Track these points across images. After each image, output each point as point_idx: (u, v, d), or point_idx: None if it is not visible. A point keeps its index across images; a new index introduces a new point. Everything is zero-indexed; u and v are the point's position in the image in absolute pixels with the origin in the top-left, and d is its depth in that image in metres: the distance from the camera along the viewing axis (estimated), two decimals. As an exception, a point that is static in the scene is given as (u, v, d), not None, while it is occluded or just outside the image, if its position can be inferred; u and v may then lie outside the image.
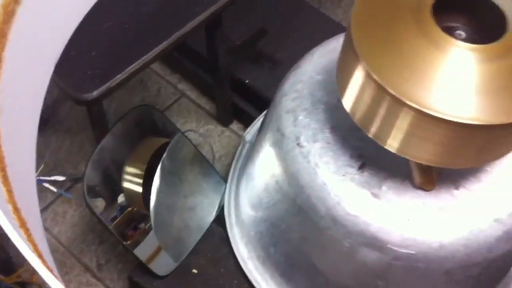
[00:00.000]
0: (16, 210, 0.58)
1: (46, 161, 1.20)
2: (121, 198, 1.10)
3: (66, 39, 0.81)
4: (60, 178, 1.21)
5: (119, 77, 0.81)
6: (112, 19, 0.86)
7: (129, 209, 1.11)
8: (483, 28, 0.65)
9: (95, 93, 0.78)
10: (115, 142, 0.96)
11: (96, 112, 0.87)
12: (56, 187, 1.20)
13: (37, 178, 1.19)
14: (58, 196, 1.20)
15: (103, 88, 0.79)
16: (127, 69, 0.82)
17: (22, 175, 0.67)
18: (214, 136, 1.31)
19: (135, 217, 1.11)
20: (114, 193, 1.04)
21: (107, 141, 0.93)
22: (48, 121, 1.31)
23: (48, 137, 1.28)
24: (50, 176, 1.20)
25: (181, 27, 0.89)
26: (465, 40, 0.64)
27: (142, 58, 0.84)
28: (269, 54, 1.30)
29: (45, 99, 0.77)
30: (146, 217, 1.08)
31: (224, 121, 1.32)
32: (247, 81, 1.26)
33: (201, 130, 1.31)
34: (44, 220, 1.17)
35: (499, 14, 0.64)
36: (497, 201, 0.75)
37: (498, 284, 0.93)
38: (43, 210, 1.16)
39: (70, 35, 0.82)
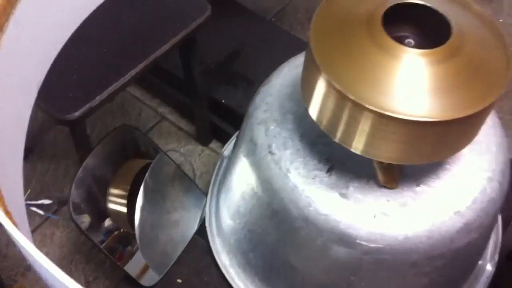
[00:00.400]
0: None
1: (33, 186, 1.24)
2: (107, 222, 1.13)
3: (48, 65, 0.86)
4: (47, 201, 1.24)
5: (99, 98, 0.85)
6: (90, 45, 0.90)
7: (116, 232, 1.14)
8: (430, 35, 0.71)
9: (77, 114, 0.83)
10: (98, 161, 1.00)
11: (79, 132, 0.91)
12: (43, 210, 1.23)
13: (25, 202, 1.21)
14: (46, 218, 1.23)
15: (84, 108, 0.83)
16: (106, 91, 0.86)
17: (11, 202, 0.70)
18: (195, 155, 1.36)
19: (121, 240, 1.15)
20: (99, 210, 1.07)
21: (90, 160, 0.97)
22: (33, 149, 1.35)
23: (33, 164, 1.32)
24: (37, 200, 1.24)
25: (155, 50, 0.93)
26: (414, 46, 0.70)
27: (120, 80, 0.88)
28: (243, 74, 1.35)
29: (29, 128, 0.81)
30: (132, 240, 1.11)
31: (204, 141, 1.37)
32: (223, 101, 1.30)
33: (182, 150, 1.35)
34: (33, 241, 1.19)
35: (444, 22, 0.70)
36: (456, 196, 0.79)
37: (467, 278, 0.98)
38: (31, 233, 1.19)
39: (51, 61, 0.86)
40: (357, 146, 0.71)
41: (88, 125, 0.99)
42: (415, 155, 0.71)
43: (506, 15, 1.77)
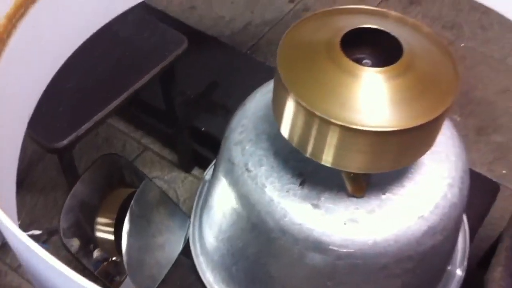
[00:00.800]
0: None
1: (23, 218, 1.27)
2: (96, 253, 1.17)
3: (38, 97, 0.91)
4: (37, 232, 1.26)
5: (85, 126, 0.90)
6: (76, 78, 0.96)
7: (104, 263, 1.17)
8: (384, 55, 0.77)
9: (65, 142, 0.88)
10: (85, 188, 1.04)
11: (67, 160, 0.96)
12: (33, 240, 1.25)
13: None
14: (36, 248, 1.26)
15: (71, 137, 0.88)
16: (92, 120, 0.91)
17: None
18: (178, 182, 1.40)
19: (110, 270, 1.18)
20: (87, 238, 1.11)
21: (78, 187, 1.01)
22: (23, 182, 1.39)
23: (23, 197, 1.35)
24: (27, 231, 1.26)
25: (136, 81, 0.99)
26: (371, 66, 0.77)
27: (104, 110, 0.94)
28: (221, 103, 1.41)
29: (19, 162, 0.86)
30: (121, 270, 1.15)
31: (186, 168, 1.42)
32: (203, 129, 1.36)
33: (165, 178, 1.40)
34: (23, 272, 1.22)
35: (396, 43, 0.76)
36: (420, 201, 0.85)
37: (438, 282, 1.03)
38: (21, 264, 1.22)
39: (40, 94, 0.92)
40: (327, 159, 0.77)
41: (75, 158, 1.04)
42: (379, 164, 0.77)
43: (467, 40, 1.86)
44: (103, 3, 1.00)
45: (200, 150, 1.40)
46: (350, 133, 0.72)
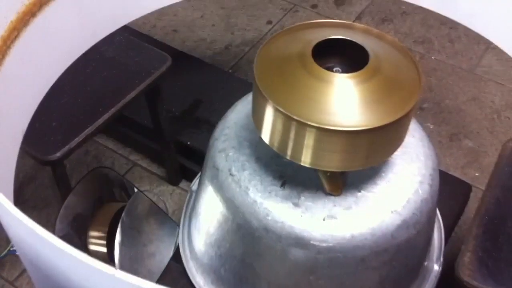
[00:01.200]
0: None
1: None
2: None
3: (31, 114, 0.95)
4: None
5: (77, 140, 0.95)
6: (67, 95, 1.00)
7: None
8: (352, 62, 0.83)
9: (58, 154, 0.92)
10: (78, 199, 1.07)
11: (60, 172, 1.00)
12: (28, 255, 1.28)
13: (11, 249, 1.27)
14: (31, 263, 1.28)
15: (64, 149, 0.93)
16: (83, 133, 0.96)
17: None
18: (167, 195, 1.44)
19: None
20: (79, 247, 1.14)
21: (71, 198, 1.05)
22: (16, 202, 1.41)
23: (17, 215, 1.38)
24: (22, 247, 1.29)
25: (123, 97, 1.04)
26: (342, 72, 0.82)
27: (94, 124, 0.98)
28: (206, 119, 1.46)
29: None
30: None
31: (174, 181, 1.46)
32: (189, 143, 1.41)
33: (154, 191, 1.44)
34: (20, 285, 1.25)
35: (362, 51, 0.82)
36: (393, 198, 0.90)
37: (416, 277, 1.07)
38: (18, 276, 1.24)
39: (33, 111, 0.96)
40: (305, 160, 0.82)
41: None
42: (353, 162, 0.82)
43: (437, 53, 1.94)
44: (90, 26, 1.06)
45: (187, 163, 1.44)
46: (325, 133, 0.77)
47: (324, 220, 0.87)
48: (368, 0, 2.15)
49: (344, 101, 0.79)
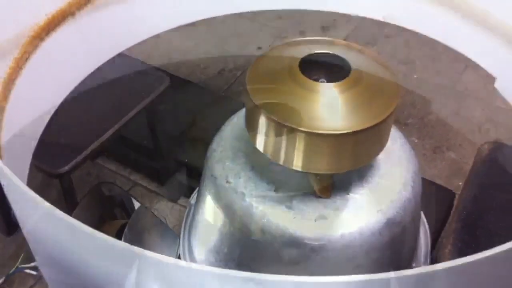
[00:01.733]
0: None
1: (26, 250, 1.34)
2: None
3: (40, 132, 1.01)
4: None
5: (84, 154, 1.01)
6: (72, 114, 1.06)
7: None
8: (336, 73, 0.90)
9: (66, 168, 0.98)
10: (83, 213, 1.12)
11: (67, 184, 1.05)
12: (36, 271, 1.33)
13: (19, 267, 1.31)
14: (39, 278, 1.33)
15: (72, 163, 0.98)
16: (89, 148, 1.02)
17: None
18: (166, 211, 1.49)
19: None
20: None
21: (77, 212, 1.10)
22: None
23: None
24: (29, 263, 1.33)
25: (125, 115, 1.10)
26: (327, 82, 0.89)
27: (99, 139, 1.04)
28: (201, 137, 1.52)
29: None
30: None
31: (173, 198, 1.51)
32: (186, 161, 1.46)
33: (154, 208, 1.49)
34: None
35: (345, 63, 0.90)
36: (378, 199, 0.96)
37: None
38: (26, 292, 1.29)
39: (43, 128, 1.02)
40: (297, 164, 0.88)
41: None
42: (340, 164, 0.88)
43: (420, 72, 2.02)
44: (93, 51, 1.13)
45: (185, 181, 1.50)
46: (314, 138, 0.84)
47: (315, 220, 0.92)
48: (352, 24, 2.24)
49: (332, 106, 0.86)
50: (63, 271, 0.64)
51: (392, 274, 0.50)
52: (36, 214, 0.58)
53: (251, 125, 0.92)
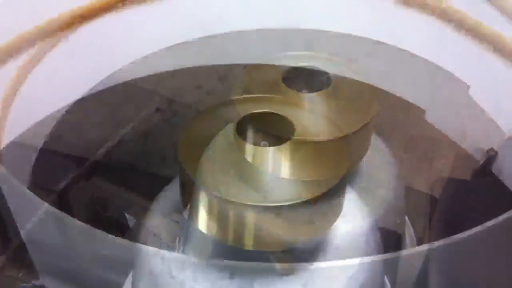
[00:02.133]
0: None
1: (23, 271, 1.35)
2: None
3: (37, 150, 1.05)
4: (38, 282, 1.34)
5: (80, 170, 1.04)
6: (67, 135, 1.11)
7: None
8: (316, 84, 0.95)
9: (64, 183, 1.01)
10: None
11: (65, 200, 1.09)
12: (33, 288, 1.33)
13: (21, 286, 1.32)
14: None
15: (69, 180, 1.02)
16: (86, 165, 1.05)
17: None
18: (161, 226, 1.51)
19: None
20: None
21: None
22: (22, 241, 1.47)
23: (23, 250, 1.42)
24: (29, 282, 1.34)
25: (118, 133, 1.15)
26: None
27: (93, 157, 1.08)
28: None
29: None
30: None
31: (166, 212, 1.53)
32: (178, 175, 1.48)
33: (148, 224, 1.51)
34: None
35: (325, 75, 0.95)
36: (364, 202, 1.00)
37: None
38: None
39: (40, 146, 1.05)
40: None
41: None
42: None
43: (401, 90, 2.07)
44: (90, 69, 1.16)
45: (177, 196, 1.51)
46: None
47: (304, 225, 0.93)
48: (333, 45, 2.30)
49: (308, 117, 0.86)
50: (62, 274, 0.65)
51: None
52: (36, 215, 0.57)
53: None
